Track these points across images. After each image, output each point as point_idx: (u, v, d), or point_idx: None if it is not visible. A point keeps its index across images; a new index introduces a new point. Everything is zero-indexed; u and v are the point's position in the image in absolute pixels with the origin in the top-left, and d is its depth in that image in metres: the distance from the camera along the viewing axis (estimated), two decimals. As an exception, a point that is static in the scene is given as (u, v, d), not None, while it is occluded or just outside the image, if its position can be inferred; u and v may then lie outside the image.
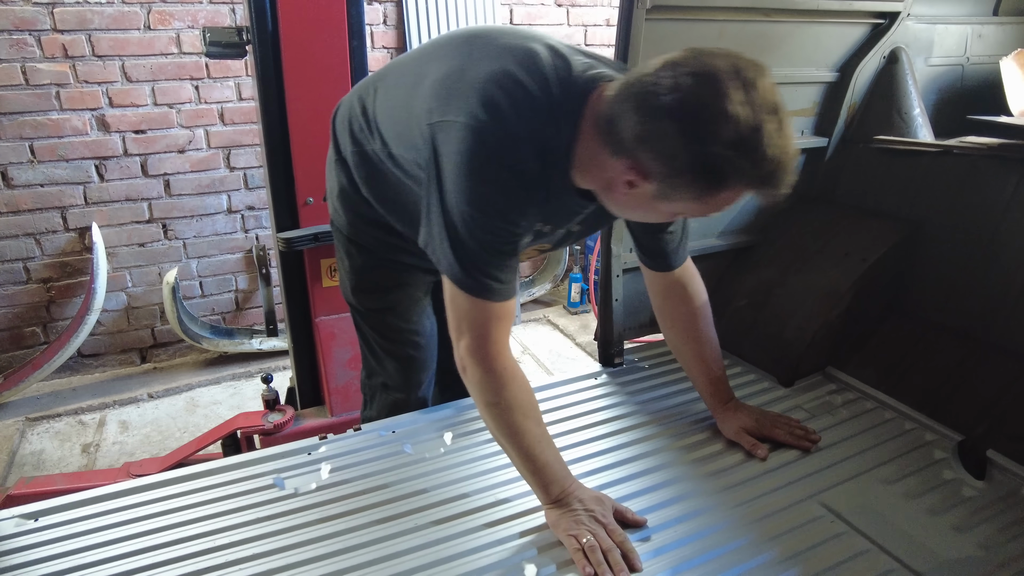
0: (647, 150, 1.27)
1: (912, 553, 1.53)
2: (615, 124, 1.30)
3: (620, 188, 1.37)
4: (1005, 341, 2.04)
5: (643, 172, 1.30)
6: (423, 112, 1.50)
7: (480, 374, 1.52)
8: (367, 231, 1.89)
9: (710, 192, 1.29)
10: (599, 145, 1.37)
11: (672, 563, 1.51)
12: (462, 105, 1.41)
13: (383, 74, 1.78)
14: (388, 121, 1.68)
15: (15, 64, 3.48)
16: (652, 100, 1.23)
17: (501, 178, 1.40)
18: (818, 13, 2.30)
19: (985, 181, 2.14)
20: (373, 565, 1.49)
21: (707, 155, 1.21)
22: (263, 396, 2.84)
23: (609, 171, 1.38)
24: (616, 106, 1.30)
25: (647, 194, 1.34)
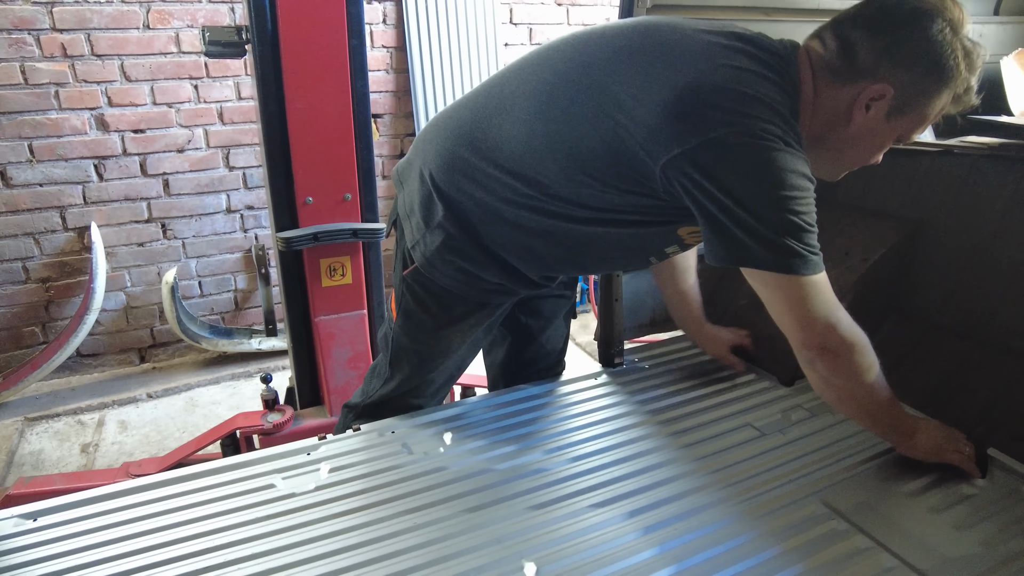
0: (890, 62, 1.45)
1: (913, 551, 1.53)
2: (848, 54, 1.48)
3: (857, 114, 1.51)
4: (1005, 341, 2.04)
5: (886, 85, 1.46)
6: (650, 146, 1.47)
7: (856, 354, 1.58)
8: (468, 280, 1.81)
9: (940, 92, 1.47)
10: (825, 88, 1.53)
11: (673, 560, 1.50)
12: (717, 116, 1.42)
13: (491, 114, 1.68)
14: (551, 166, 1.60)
15: (14, 63, 3.48)
16: (887, 15, 1.45)
17: (790, 158, 1.43)
18: (818, 12, 2.30)
19: (985, 181, 2.14)
20: (372, 564, 1.49)
21: (943, 54, 1.42)
22: (262, 396, 2.84)
23: (842, 103, 1.52)
24: (838, 41, 1.50)
25: (882, 113, 1.50)
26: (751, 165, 1.41)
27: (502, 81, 1.73)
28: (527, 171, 1.61)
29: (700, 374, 2.30)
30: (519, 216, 1.68)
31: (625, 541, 1.56)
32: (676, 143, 1.43)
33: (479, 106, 1.73)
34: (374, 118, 4.23)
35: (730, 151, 1.41)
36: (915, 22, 1.42)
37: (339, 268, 2.70)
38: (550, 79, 1.61)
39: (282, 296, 2.77)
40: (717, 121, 1.41)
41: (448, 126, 1.76)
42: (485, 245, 1.75)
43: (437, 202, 1.74)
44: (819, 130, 1.57)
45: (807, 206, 1.46)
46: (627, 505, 1.67)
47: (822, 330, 1.53)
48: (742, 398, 2.15)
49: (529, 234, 1.71)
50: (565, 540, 1.56)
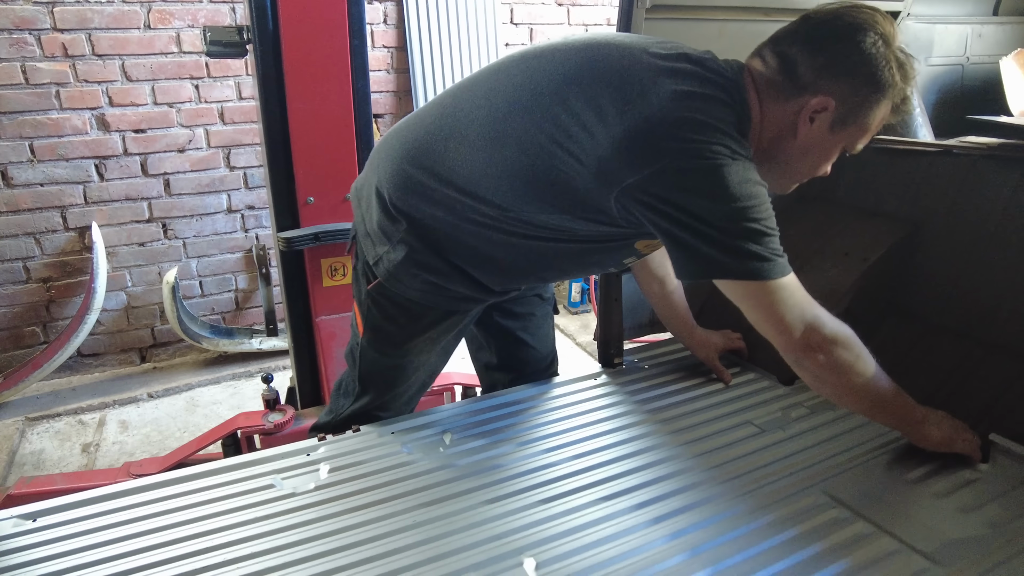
0: (829, 76, 1.49)
1: (917, 534, 1.53)
2: (789, 71, 1.52)
3: (802, 127, 1.55)
4: (1005, 341, 2.04)
5: (827, 98, 1.50)
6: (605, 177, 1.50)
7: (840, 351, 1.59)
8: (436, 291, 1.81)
9: (876, 103, 1.52)
10: (769, 104, 1.56)
11: (672, 553, 1.50)
12: (668, 145, 1.45)
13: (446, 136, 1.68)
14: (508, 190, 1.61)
15: (15, 63, 3.49)
16: (823, 32, 1.50)
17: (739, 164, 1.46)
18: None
19: (985, 181, 2.14)
20: (372, 563, 1.49)
21: (878, 66, 1.47)
22: (263, 396, 2.84)
23: (787, 117, 1.56)
24: (779, 59, 1.54)
25: (825, 125, 1.54)
26: (705, 183, 1.44)
27: (454, 102, 1.73)
28: (486, 194, 1.63)
29: (700, 374, 2.30)
30: (479, 234, 1.69)
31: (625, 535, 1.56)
32: (628, 173, 1.47)
33: (432, 127, 1.72)
34: (375, 118, 4.23)
35: (682, 174, 1.45)
36: (849, 37, 1.47)
37: (340, 268, 2.71)
38: (502, 107, 1.62)
39: (283, 296, 2.77)
40: (667, 150, 1.44)
41: (402, 145, 1.76)
42: (448, 258, 1.75)
43: (398, 218, 1.73)
44: (768, 145, 1.60)
45: (764, 212, 1.49)
46: (626, 501, 1.67)
47: (801, 330, 1.57)
48: (742, 397, 2.15)
49: (491, 249, 1.73)
50: (564, 536, 1.56)
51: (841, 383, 1.64)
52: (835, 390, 1.66)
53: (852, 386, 1.64)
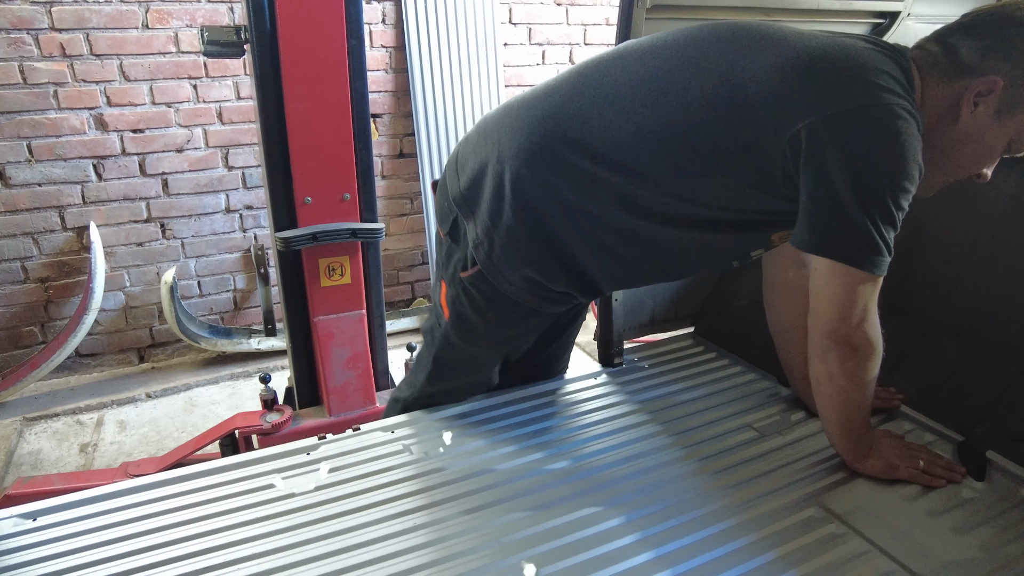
0: (995, 57, 1.43)
1: (912, 555, 1.53)
2: (951, 54, 1.47)
3: (964, 110, 1.49)
4: (1005, 341, 2.03)
5: (994, 78, 1.43)
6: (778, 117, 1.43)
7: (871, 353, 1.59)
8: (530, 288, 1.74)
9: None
10: (932, 84, 1.50)
11: (672, 562, 1.51)
12: (857, 90, 1.39)
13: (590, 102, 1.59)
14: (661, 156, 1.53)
15: (12, 63, 3.48)
16: (987, 19, 1.46)
17: (918, 140, 1.41)
18: (818, 13, 2.30)
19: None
20: (372, 565, 1.49)
21: None
22: (261, 396, 2.83)
23: (948, 99, 1.49)
24: (941, 45, 1.49)
25: (991, 110, 1.47)
26: (887, 145, 1.38)
27: (597, 71, 1.64)
28: (632, 163, 1.54)
29: (700, 374, 2.30)
30: (607, 215, 1.60)
31: (624, 543, 1.56)
32: (811, 112, 1.39)
33: (572, 94, 1.62)
34: (373, 118, 4.23)
35: (871, 126, 1.38)
36: (1019, 21, 1.42)
37: (338, 268, 2.70)
38: (662, 66, 1.55)
39: (281, 296, 2.77)
40: (857, 92, 1.38)
41: (532, 118, 1.64)
42: (555, 249, 1.66)
43: (509, 200, 1.63)
44: (924, 131, 1.47)
45: (908, 200, 1.44)
46: (627, 507, 1.67)
47: (856, 324, 1.53)
48: (742, 398, 2.15)
49: (613, 234, 1.64)
50: (565, 541, 1.56)
51: (846, 388, 1.63)
52: (834, 392, 1.65)
53: (850, 396, 1.65)
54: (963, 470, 1.78)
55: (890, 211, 1.41)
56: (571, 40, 4.73)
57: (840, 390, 1.63)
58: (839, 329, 1.54)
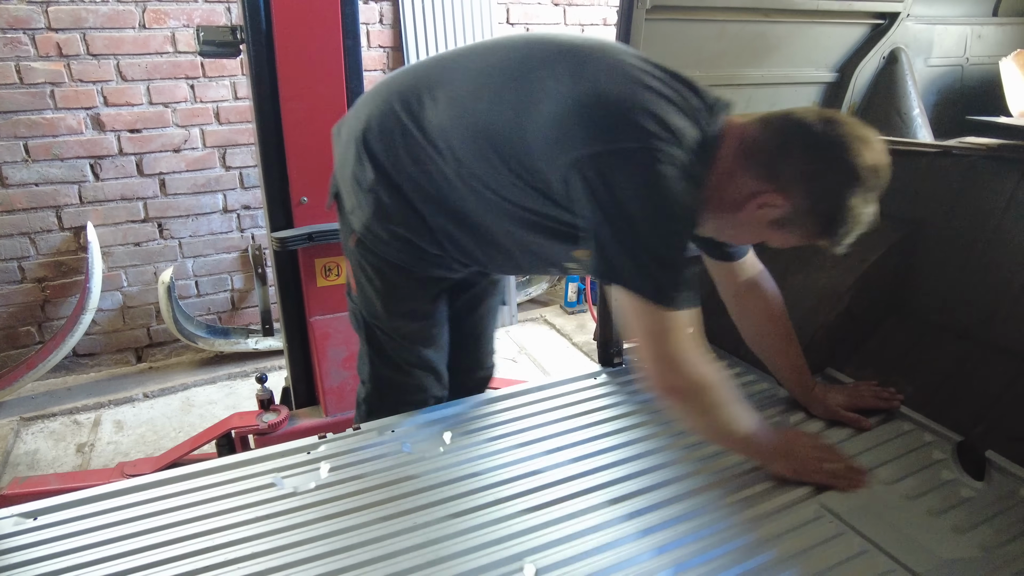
0: (804, 186, 1.47)
1: (911, 554, 1.53)
2: (777, 155, 1.48)
3: (749, 208, 1.53)
4: (1005, 341, 2.03)
5: (786, 201, 1.49)
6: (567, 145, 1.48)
7: (696, 390, 1.57)
8: (407, 249, 1.84)
9: (819, 236, 1.53)
10: (740, 168, 1.52)
11: (672, 562, 1.50)
12: (628, 132, 1.44)
13: (433, 84, 1.71)
14: (470, 144, 1.64)
15: (9, 63, 3.47)
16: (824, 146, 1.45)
17: (684, 194, 1.46)
18: (818, 13, 2.30)
19: (984, 181, 2.14)
20: (372, 564, 1.49)
21: (846, 208, 1.46)
22: (258, 396, 2.83)
23: (743, 192, 1.52)
24: (778, 139, 1.49)
25: (768, 218, 1.53)
26: (653, 188, 1.42)
27: (452, 57, 1.77)
28: (451, 145, 1.65)
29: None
30: (439, 191, 1.72)
31: (625, 543, 1.56)
32: (583, 145, 1.45)
33: (422, 75, 1.76)
34: (371, 118, 4.21)
35: (636, 168, 1.43)
36: (844, 180, 1.45)
37: (334, 268, 2.69)
38: (494, 65, 1.65)
39: (277, 296, 2.76)
40: (630, 135, 1.43)
41: (388, 89, 1.79)
42: (417, 208, 1.77)
43: (365, 158, 1.76)
44: (714, 196, 1.55)
45: (679, 239, 1.52)
46: (627, 507, 1.67)
47: (672, 368, 1.54)
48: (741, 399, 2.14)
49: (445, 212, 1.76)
50: (565, 541, 1.56)
51: (699, 425, 1.69)
52: (693, 428, 1.75)
53: (709, 428, 1.69)
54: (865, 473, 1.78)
55: (659, 251, 1.47)
56: (569, 40, 4.72)
57: (698, 427, 1.71)
58: (658, 375, 1.56)
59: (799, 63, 2.40)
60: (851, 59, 2.48)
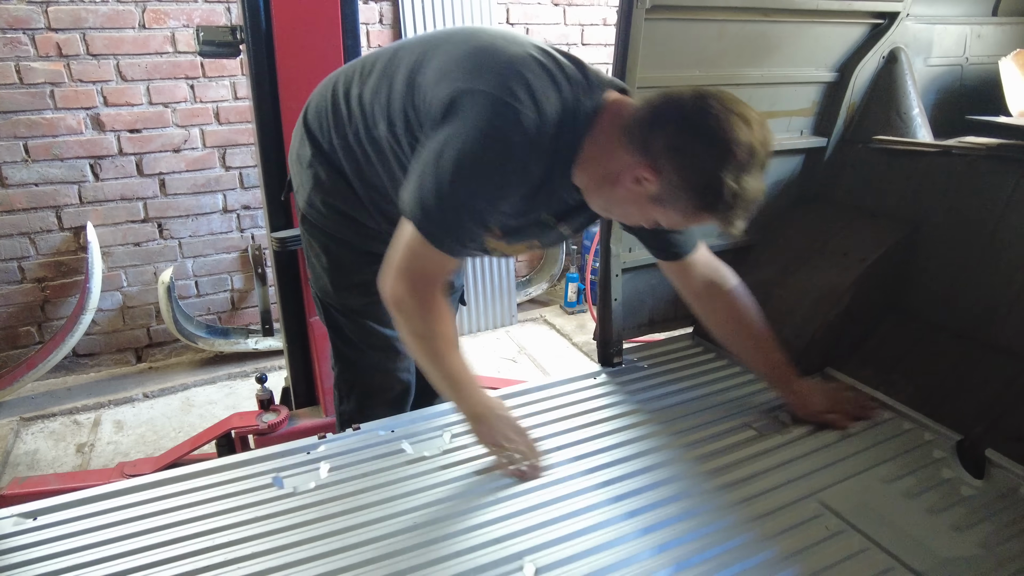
0: (672, 159, 1.44)
1: (911, 552, 1.53)
2: (648, 129, 1.47)
3: (625, 182, 1.53)
4: (1004, 341, 2.04)
5: (657, 175, 1.47)
6: (444, 80, 1.58)
7: (419, 311, 1.65)
8: (346, 223, 1.96)
9: (699, 212, 1.49)
10: (616, 142, 1.54)
11: (672, 561, 1.51)
12: (494, 79, 1.51)
13: (367, 64, 1.84)
14: (397, 104, 1.71)
15: (9, 63, 3.47)
16: (694, 120, 1.42)
17: (512, 156, 1.51)
18: (818, 13, 2.31)
19: (984, 181, 2.14)
20: (372, 564, 1.49)
21: (715, 181, 1.41)
22: (257, 396, 2.83)
23: (619, 166, 1.53)
24: (651, 114, 1.48)
25: (646, 194, 1.51)
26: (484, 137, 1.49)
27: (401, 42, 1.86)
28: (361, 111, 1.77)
29: (699, 374, 2.30)
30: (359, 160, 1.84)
31: (625, 542, 1.56)
32: (460, 80, 1.55)
33: (369, 58, 1.87)
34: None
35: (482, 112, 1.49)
36: (713, 154, 1.42)
37: (336, 268, 2.69)
38: (409, 49, 1.75)
39: (277, 296, 2.76)
40: (496, 85, 1.50)
41: (338, 72, 1.94)
42: (350, 182, 1.89)
43: (303, 135, 1.94)
44: (594, 170, 1.60)
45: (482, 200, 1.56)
46: (626, 505, 1.67)
47: (407, 283, 1.63)
48: (741, 398, 2.15)
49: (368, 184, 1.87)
50: (564, 540, 1.56)
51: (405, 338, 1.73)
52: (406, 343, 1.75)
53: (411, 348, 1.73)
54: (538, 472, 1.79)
55: (448, 189, 1.52)
56: (568, 40, 4.73)
57: (411, 349, 1.73)
58: (394, 289, 1.64)
59: (799, 63, 2.40)
60: (851, 59, 2.48)
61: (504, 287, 4.71)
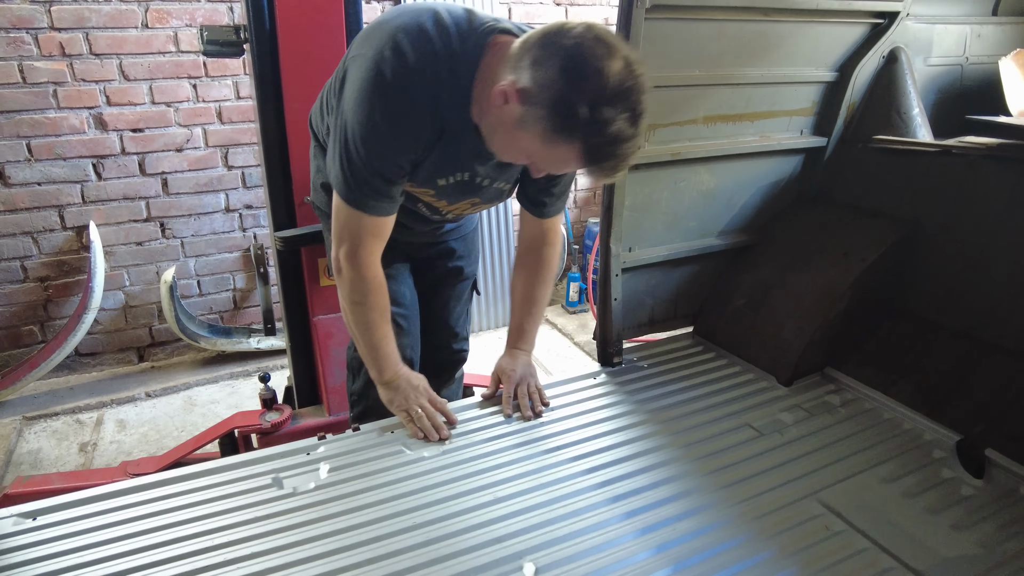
0: (532, 76, 1.43)
1: (911, 551, 1.53)
2: (520, 51, 1.48)
3: (496, 102, 1.52)
4: (1003, 341, 2.04)
5: (517, 90, 1.45)
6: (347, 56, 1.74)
7: (353, 277, 1.84)
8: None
9: (554, 136, 1.44)
10: (496, 74, 1.55)
11: (671, 560, 1.51)
12: (374, 43, 1.61)
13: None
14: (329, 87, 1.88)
15: (12, 62, 3.48)
16: (556, 39, 1.42)
17: (391, 109, 1.60)
18: (818, 13, 2.31)
19: (984, 181, 2.14)
20: (371, 563, 1.49)
21: (567, 99, 1.38)
22: (260, 395, 2.83)
23: (494, 92, 1.53)
24: (527, 39, 1.50)
25: (512, 117, 1.49)
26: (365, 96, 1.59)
27: None
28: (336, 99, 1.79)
29: (699, 373, 2.30)
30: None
31: (624, 541, 1.56)
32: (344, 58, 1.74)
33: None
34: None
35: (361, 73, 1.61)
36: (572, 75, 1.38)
37: (337, 267, 2.70)
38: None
39: (280, 295, 2.77)
40: (373, 46, 1.60)
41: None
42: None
43: (312, 133, 2.08)
44: (482, 102, 1.62)
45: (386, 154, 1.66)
46: (626, 505, 1.68)
47: (345, 254, 1.81)
48: (741, 398, 2.15)
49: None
50: (564, 540, 1.56)
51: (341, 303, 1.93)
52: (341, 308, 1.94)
53: (344, 309, 1.93)
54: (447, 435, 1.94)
55: (354, 152, 1.66)
56: (570, 39, 4.72)
57: (351, 305, 1.90)
58: (335, 262, 1.85)
59: (799, 62, 2.40)
60: (851, 58, 2.48)
61: (506, 286, 4.71)
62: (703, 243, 2.51)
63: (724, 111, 2.37)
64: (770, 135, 2.49)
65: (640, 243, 2.38)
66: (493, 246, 4.64)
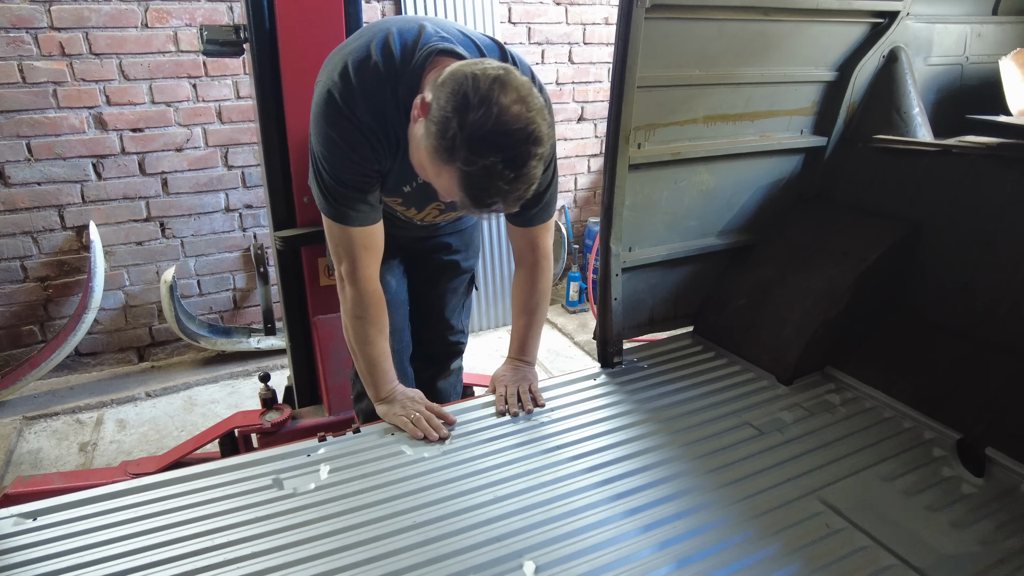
0: (434, 91, 1.51)
1: (911, 549, 1.53)
2: (443, 75, 1.54)
3: (413, 115, 1.63)
4: (1004, 340, 2.04)
5: (424, 105, 1.55)
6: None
7: (354, 293, 1.92)
8: None
9: (436, 158, 1.52)
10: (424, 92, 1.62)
11: (673, 558, 1.51)
12: (328, 70, 1.76)
13: None
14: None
15: (12, 62, 3.48)
16: (468, 68, 1.50)
17: (344, 128, 1.71)
18: (818, 12, 2.30)
19: (984, 181, 2.14)
20: (372, 563, 1.49)
21: (448, 122, 1.46)
22: (261, 395, 2.83)
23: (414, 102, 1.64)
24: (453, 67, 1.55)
25: (419, 131, 1.58)
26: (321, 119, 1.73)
27: None
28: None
29: (699, 373, 2.30)
30: None
31: (625, 539, 1.57)
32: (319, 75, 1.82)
33: None
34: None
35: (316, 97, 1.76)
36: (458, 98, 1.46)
37: (337, 267, 2.70)
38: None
39: (280, 295, 2.77)
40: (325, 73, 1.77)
41: None
42: None
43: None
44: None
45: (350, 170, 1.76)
46: (627, 503, 1.68)
47: (338, 265, 1.92)
48: (740, 397, 2.15)
49: None
50: (564, 538, 1.56)
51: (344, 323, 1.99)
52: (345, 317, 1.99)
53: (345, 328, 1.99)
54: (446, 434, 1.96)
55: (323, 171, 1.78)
56: (570, 39, 4.73)
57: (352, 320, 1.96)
58: (337, 270, 1.94)
59: (799, 62, 2.40)
60: (851, 58, 2.48)
61: (506, 286, 4.72)
62: (703, 243, 2.51)
63: (724, 111, 2.37)
64: (770, 135, 2.49)
65: (640, 243, 2.38)
66: (494, 245, 4.64)
